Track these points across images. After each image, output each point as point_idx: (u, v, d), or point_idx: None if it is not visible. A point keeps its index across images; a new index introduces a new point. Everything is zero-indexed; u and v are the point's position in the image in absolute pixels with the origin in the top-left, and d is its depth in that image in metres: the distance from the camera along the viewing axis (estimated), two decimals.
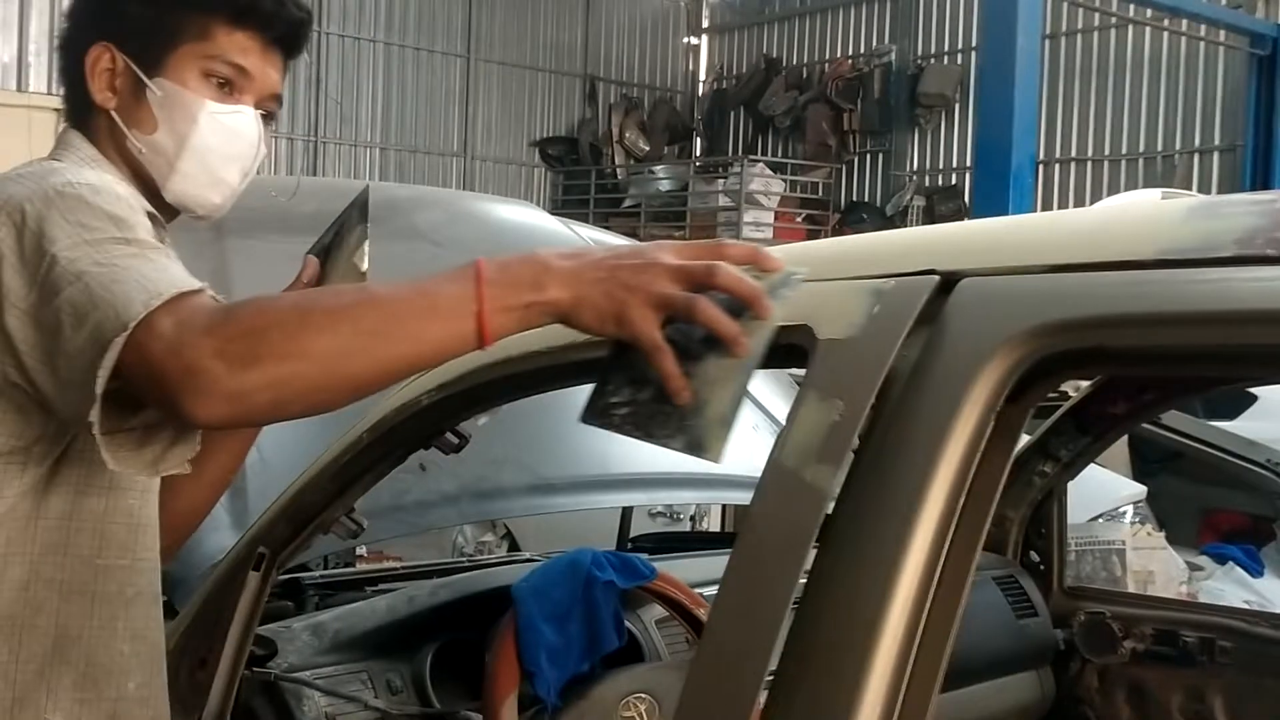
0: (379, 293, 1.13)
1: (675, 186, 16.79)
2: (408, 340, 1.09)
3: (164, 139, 1.43)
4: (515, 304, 1.08)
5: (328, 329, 1.07)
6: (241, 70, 1.45)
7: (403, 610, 1.94)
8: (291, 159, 15.68)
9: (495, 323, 1.08)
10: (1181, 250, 0.85)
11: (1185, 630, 2.36)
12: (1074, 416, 2.45)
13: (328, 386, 1.09)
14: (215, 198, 1.48)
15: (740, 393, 1.05)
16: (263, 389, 1.07)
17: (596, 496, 2.48)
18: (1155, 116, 13.83)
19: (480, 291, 1.07)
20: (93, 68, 1.43)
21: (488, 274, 1.08)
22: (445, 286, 1.09)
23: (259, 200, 2.88)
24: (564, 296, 1.08)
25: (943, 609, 0.91)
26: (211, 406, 1.06)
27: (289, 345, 1.06)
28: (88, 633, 1.38)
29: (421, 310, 1.09)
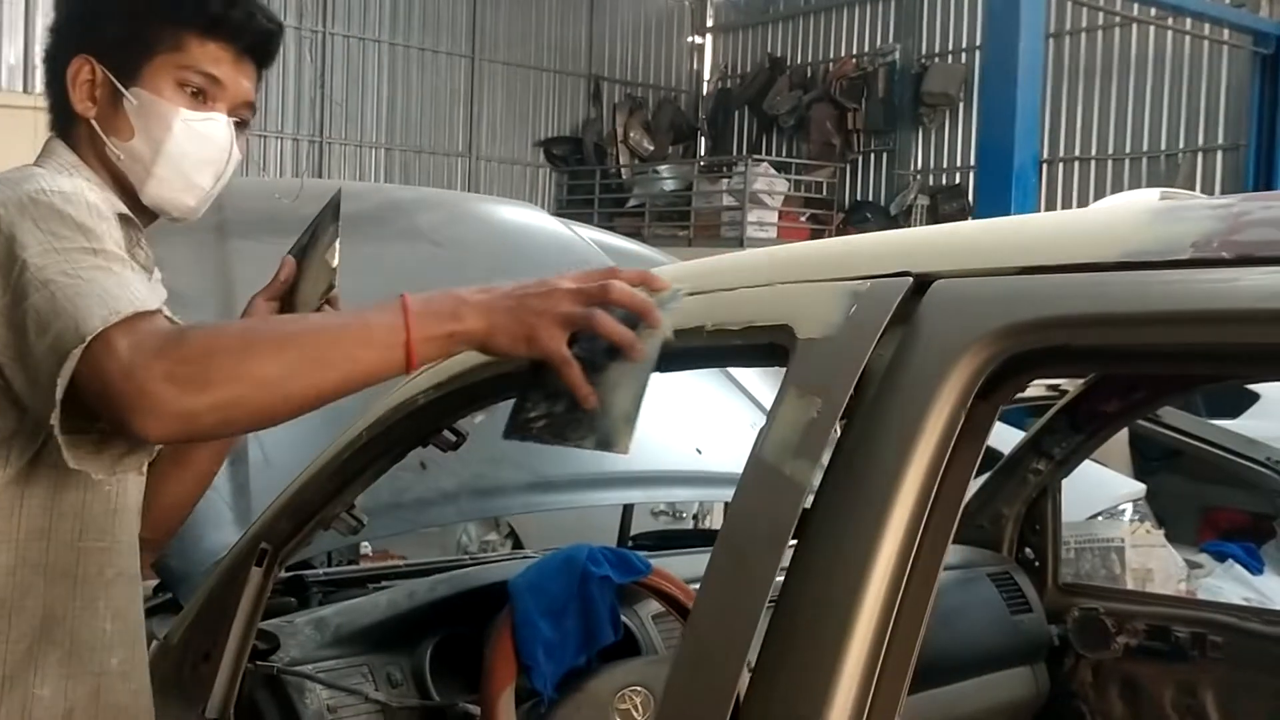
0: (318, 323, 1.31)
1: (679, 186, 16.81)
2: (344, 365, 1.22)
3: (140, 146, 1.49)
4: (438, 333, 1.22)
5: (272, 356, 1.19)
6: (214, 79, 1.52)
7: (403, 605, 1.96)
8: (297, 159, 15.73)
9: (421, 350, 1.22)
10: (1143, 253, 0.89)
11: (1177, 625, 2.38)
12: (1067, 414, 2.48)
13: (270, 408, 1.21)
14: (190, 200, 1.55)
15: (641, 392, 1.19)
16: (210, 411, 1.18)
17: (595, 494, 2.51)
18: (1159, 115, 13.83)
19: (408, 322, 1.20)
20: (74, 79, 1.50)
21: (414, 307, 1.21)
22: (377, 317, 1.22)
23: (263, 202, 2.92)
24: (479, 325, 1.22)
25: (916, 597, 0.94)
26: (160, 426, 1.17)
27: (236, 370, 1.18)
28: (71, 613, 1.45)
29: (357, 339, 1.22)
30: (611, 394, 1.20)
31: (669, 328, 1.19)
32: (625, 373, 1.19)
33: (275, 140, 15.63)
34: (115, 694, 1.51)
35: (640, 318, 1.20)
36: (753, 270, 1.21)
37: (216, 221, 2.62)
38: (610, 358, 1.20)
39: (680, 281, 1.21)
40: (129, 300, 1.22)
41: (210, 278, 2.49)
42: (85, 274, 1.25)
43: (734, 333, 1.14)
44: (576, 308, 1.21)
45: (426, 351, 1.22)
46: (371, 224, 2.95)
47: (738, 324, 1.13)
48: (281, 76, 15.49)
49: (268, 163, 15.45)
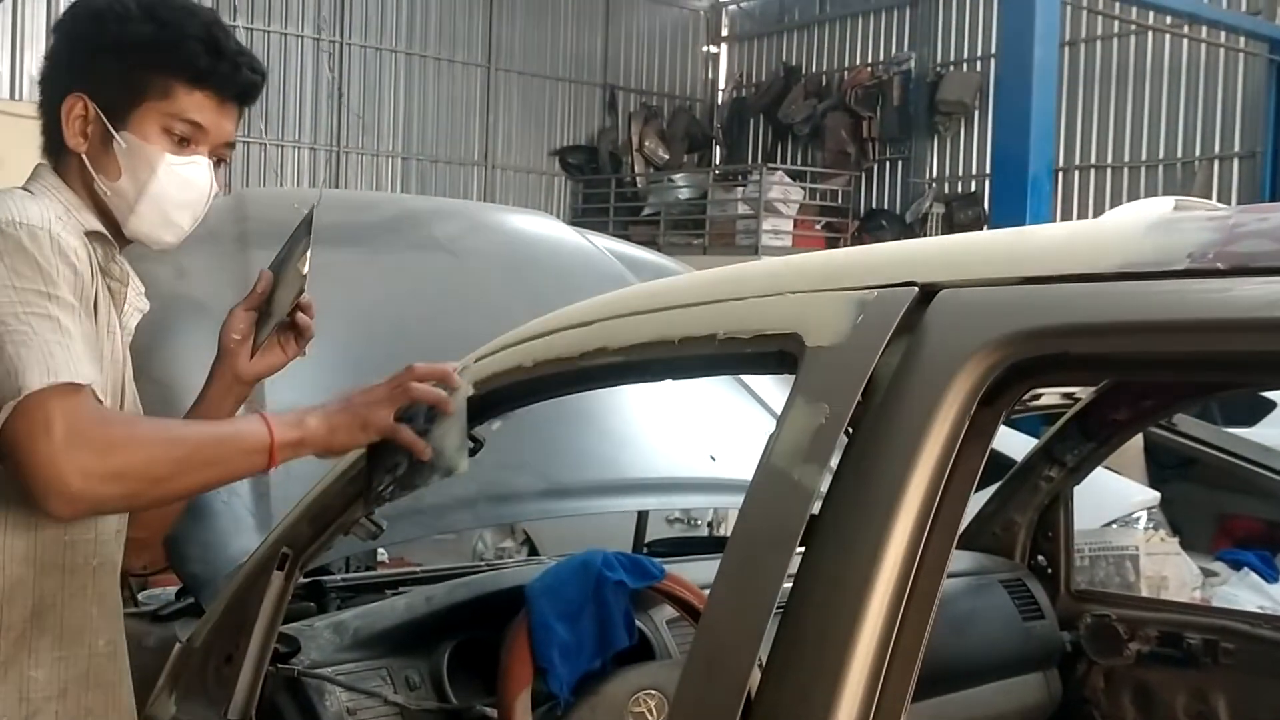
0: (205, 432, 1.58)
1: (694, 195, 16.82)
2: (222, 468, 1.53)
3: (127, 186, 1.61)
4: (291, 439, 1.52)
5: (170, 462, 1.46)
6: (198, 126, 1.63)
7: (421, 609, 1.99)
8: (314, 169, 15.80)
9: (280, 455, 1.52)
10: (1140, 263, 0.91)
11: (1189, 632, 2.39)
12: (1078, 422, 2.49)
13: (160, 500, 1.57)
14: (168, 237, 1.68)
15: (461, 433, 1.57)
16: (113, 501, 1.47)
17: (610, 500, 2.53)
18: (1174, 123, 13.78)
19: (271, 434, 1.51)
20: (68, 114, 1.61)
21: (272, 422, 1.52)
22: (250, 429, 1.52)
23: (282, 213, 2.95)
24: (322, 428, 1.54)
25: (921, 600, 0.97)
26: (68, 509, 1.41)
27: (142, 472, 1.43)
28: (61, 600, 1.58)
29: (234, 447, 1.52)
30: (441, 441, 1.56)
31: (468, 387, 1.57)
32: (445, 425, 1.56)
33: (293, 150, 15.71)
34: (104, 673, 1.64)
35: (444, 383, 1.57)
36: (762, 280, 1.23)
37: (239, 232, 2.66)
38: (430, 421, 1.57)
39: (688, 292, 1.27)
40: (69, 369, 1.40)
41: (232, 286, 2.52)
42: (35, 325, 1.41)
43: (744, 341, 1.16)
44: (394, 390, 1.55)
45: (283, 455, 1.52)
46: (388, 234, 2.98)
47: (748, 333, 1.16)
48: (299, 87, 15.59)
49: (285, 172, 15.53)
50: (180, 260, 2.60)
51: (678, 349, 1.25)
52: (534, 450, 2.30)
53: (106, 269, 1.64)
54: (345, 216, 3.04)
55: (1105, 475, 4.37)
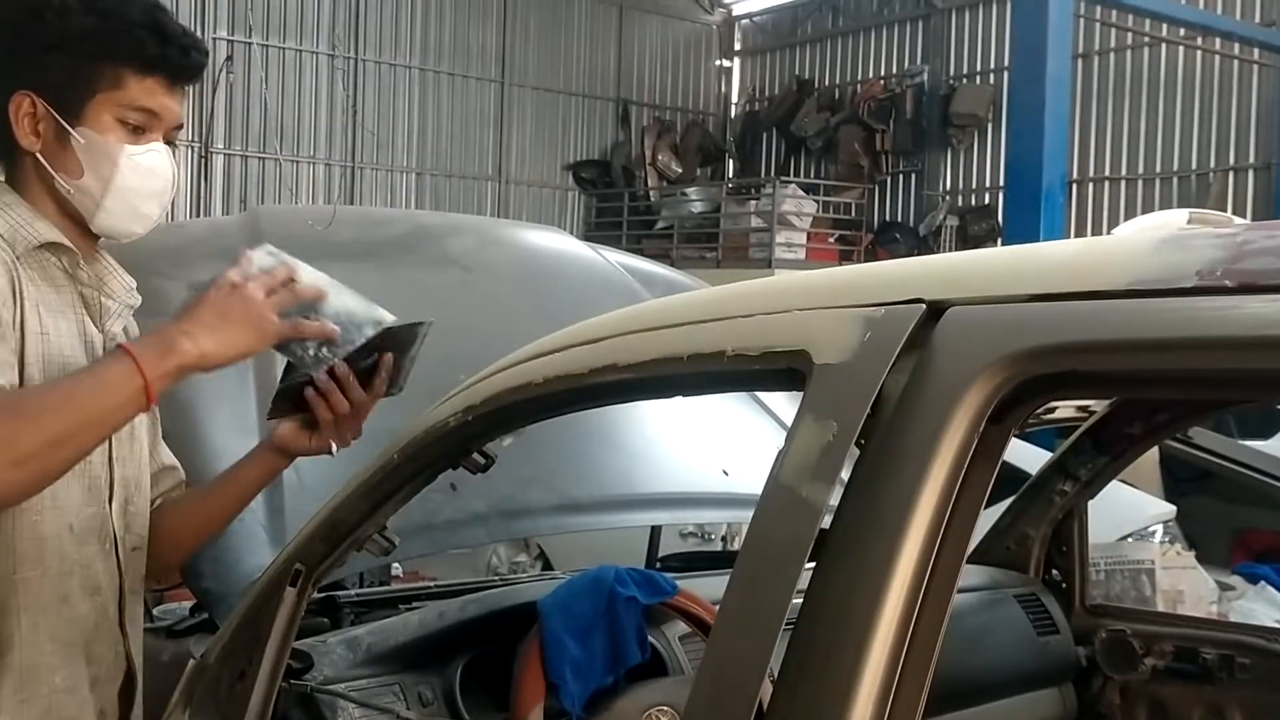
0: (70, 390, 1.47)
1: (708, 208, 16.84)
2: (101, 427, 1.47)
3: (90, 183, 1.59)
4: (163, 371, 1.47)
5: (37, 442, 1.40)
6: (151, 113, 1.61)
7: (433, 625, 1.99)
8: (329, 184, 15.88)
9: (156, 388, 1.47)
10: (1148, 281, 0.91)
11: (1206, 647, 2.38)
12: (1092, 436, 2.49)
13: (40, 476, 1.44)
14: (138, 229, 1.66)
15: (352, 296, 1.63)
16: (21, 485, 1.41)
17: (622, 515, 2.53)
18: (1189, 135, 13.75)
19: (142, 370, 1.45)
20: (16, 114, 1.58)
21: (139, 355, 1.46)
22: (115, 375, 1.45)
23: (296, 229, 2.98)
24: (191, 349, 1.48)
25: (931, 617, 0.96)
26: None
27: (39, 447, 1.39)
28: (18, 639, 1.56)
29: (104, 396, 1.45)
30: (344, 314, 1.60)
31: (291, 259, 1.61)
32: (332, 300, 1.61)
33: (308, 165, 15.79)
34: (64, 709, 1.61)
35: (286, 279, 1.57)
36: (770, 297, 1.24)
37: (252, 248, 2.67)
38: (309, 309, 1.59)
39: (697, 309, 1.28)
40: None
41: None
42: None
43: (752, 358, 1.16)
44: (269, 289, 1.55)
45: (160, 387, 1.47)
46: (401, 250, 3.00)
47: (756, 349, 1.16)
48: (314, 102, 15.68)
49: (300, 188, 15.61)
50: (193, 276, 2.61)
51: (686, 366, 1.25)
52: (547, 465, 2.31)
53: (74, 276, 1.62)
54: (359, 232, 3.06)
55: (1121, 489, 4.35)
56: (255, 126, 15.22)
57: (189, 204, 14.84)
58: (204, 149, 14.91)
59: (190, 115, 14.68)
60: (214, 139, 14.99)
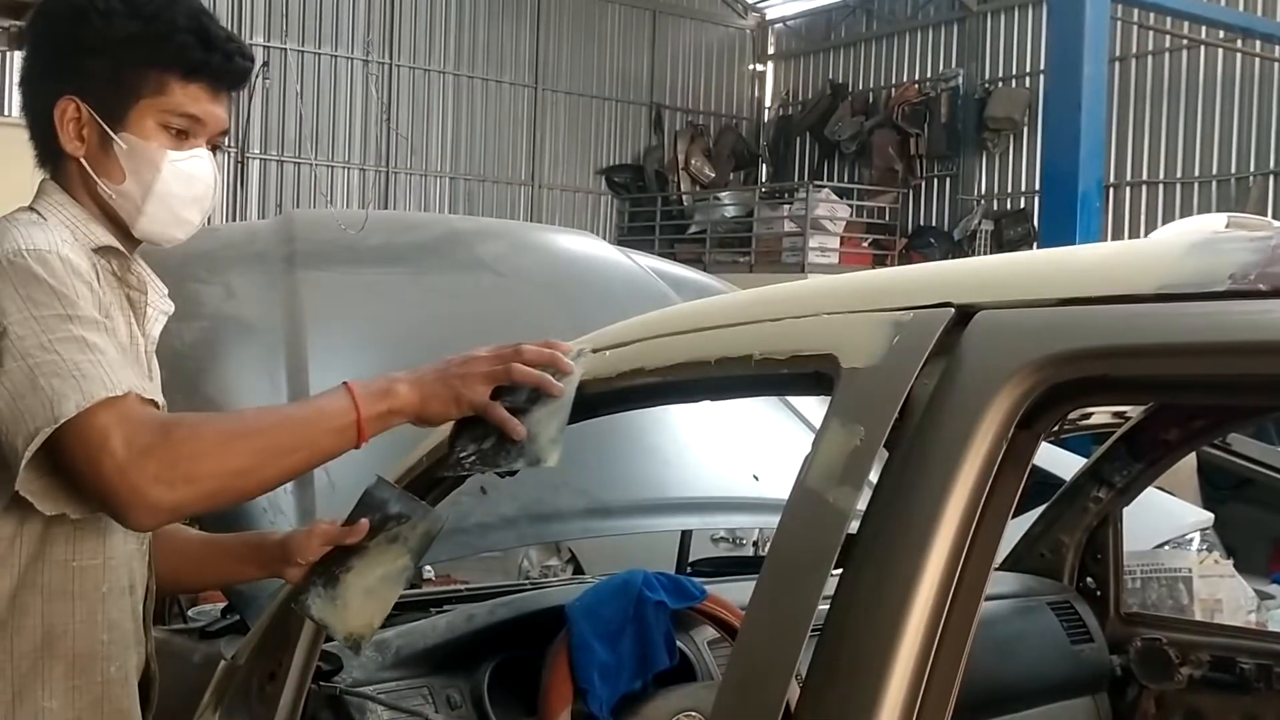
0: (284, 414, 1.52)
1: (741, 213, 16.81)
2: (307, 451, 1.45)
3: (132, 188, 1.58)
4: (379, 413, 1.46)
5: (247, 450, 1.41)
6: (195, 119, 1.59)
7: (462, 628, 2.00)
8: (363, 189, 15.97)
9: (369, 428, 1.46)
10: (1180, 285, 0.90)
11: (1242, 657, 2.35)
12: (1127, 442, 2.46)
13: (247, 493, 1.50)
14: (179, 234, 1.64)
15: (562, 422, 1.47)
16: (196, 502, 1.40)
17: (652, 520, 2.53)
18: (1228, 138, 13.59)
19: (357, 405, 1.44)
20: (61, 119, 1.57)
21: (358, 391, 1.46)
22: (331, 404, 1.46)
23: (330, 233, 3.00)
24: (413, 398, 1.48)
25: (959, 623, 0.96)
26: (153, 520, 1.39)
27: (217, 468, 1.38)
28: (72, 627, 1.54)
29: (317, 427, 1.45)
30: (537, 426, 1.47)
31: (579, 374, 1.49)
32: (547, 410, 1.47)
33: (342, 170, 15.89)
34: (117, 700, 1.60)
35: (552, 367, 1.49)
36: (798, 301, 1.23)
37: (286, 252, 2.70)
38: (532, 402, 1.48)
39: (725, 313, 1.25)
40: (104, 383, 1.36)
41: (279, 306, 2.56)
42: (63, 350, 1.37)
43: (780, 362, 1.16)
44: (495, 367, 1.49)
45: (372, 429, 1.46)
46: (434, 255, 3.02)
47: (784, 354, 1.16)
48: (349, 108, 15.78)
49: (335, 192, 15.71)
50: (229, 280, 2.64)
51: (714, 370, 1.25)
52: (577, 469, 2.31)
53: (124, 279, 1.62)
54: (390, 236, 3.08)
55: (1157, 496, 4.30)
56: (291, 132, 15.34)
57: (225, 209, 14.96)
58: (240, 154, 15.03)
59: None
60: (250, 144, 15.11)
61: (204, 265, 2.64)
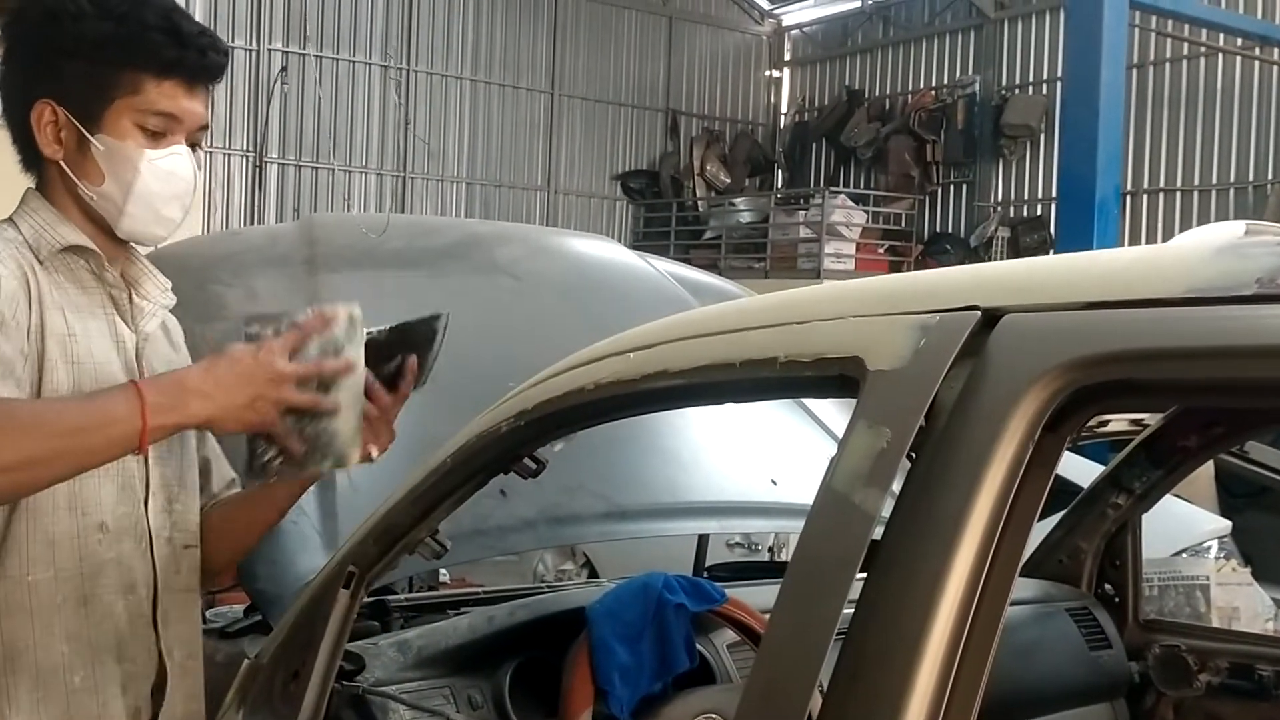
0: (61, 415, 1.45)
1: (756, 218, 16.82)
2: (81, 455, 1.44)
3: (111, 189, 1.59)
4: (168, 424, 1.47)
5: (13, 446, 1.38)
6: (171, 117, 1.60)
7: (483, 629, 2.00)
8: (380, 194, 16.04)
9: (151, 438, 1.46)
10: (1207, 289, 0.90)
11: (1261, 664, 2.34)
12: (1146, 449, 2.45)
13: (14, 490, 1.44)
14: (160, 232, 1.66)
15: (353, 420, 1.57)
16: None
17: (670, 524, 2.53)
18: (1245, 146, 13.55)
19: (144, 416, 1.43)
20: (38, 123, 1.58)
21: (148, 399, 1.44)
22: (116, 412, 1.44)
23: (350, 237, 3.01)
24: (203, 413, 1.49)
25: (984, 628, 0.96)
26: None
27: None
28: (31, 641, 1.55)
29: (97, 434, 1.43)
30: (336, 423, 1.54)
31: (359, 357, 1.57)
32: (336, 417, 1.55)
33: (360, 175, 15.96)
34: (84, 709, 1.60)
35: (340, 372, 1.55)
36: (823, 303, 1.24)
37: (307, 255, 2.71)
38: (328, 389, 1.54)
39: (750, 315, 1.25)
40: None
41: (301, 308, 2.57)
42: None
43: (805, 364, 1.16)
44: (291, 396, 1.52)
45: (155, 438, 1.47)
46: (454, 259, 3.02)
47: (809, 356, 1.16)
48: (366, 113, 15.85)
49: (353, 197, 15.78)
50: (252, 283, 2.65)
51: (739, 372, 1.25)
52: (595, 472, 2.32)
53: (101, 278, 1.63)
54: (410, 240, 3.09)
55: (1175, 503, 4.29)
56: (309, 136, 15.41)
57: (243, 213, 15.05)
58: (258, 158, 15.11)
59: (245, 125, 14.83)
60: (268, 149, 15.18)
61: (226, 268, 2.66)
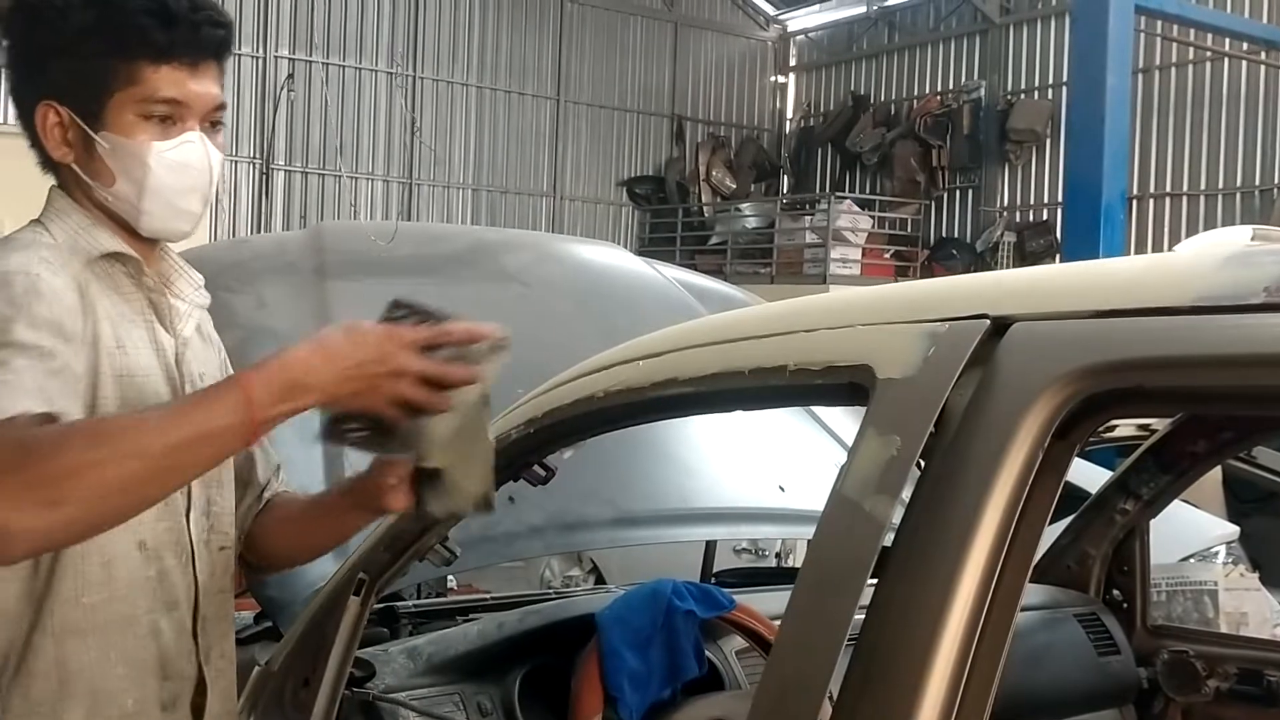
0: (162, 424, 1.27)
1: (762, 224, 16.81)
2: (188, 469, 1.31)
3: (124, 188, 1.49)
4: (275, 416, 1.31)
5: (117, 467, 1.22)
6: (177, 102, 1.48)
7: (493, 636, 2.01)
8: (387, 200, 16.06)
9: (260, 433, 1.31)
10: (1215, 297, 0.91)
11: (1270, 670, 2.34)
12: (1154, 455, 2.45)
13: (118, 514, 1.28)
14: (184, 226, 1.55)
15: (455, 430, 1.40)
16: (61, 529, 1.22)
17: (678, 530, 2.54)
18: (1251, 151, 13.52)
19: (250, 415, 1.28)
20: (43, 126, 1.49)
21: (255, 394, 1.28)
22: (220, 413, 1.27)
23: (358, 245, 3.03)
24: (312, 402, 1.33)
25: (994, 634, 0.96)
26: (10, 551, 1.22)
27: (82, 488, 1.20)
28: (87, 666, 1.47)
29: (200, 438, 1.27)
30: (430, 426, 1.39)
31: (490, 377, 1.41)
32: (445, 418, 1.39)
33: (366, 182, 15.99)
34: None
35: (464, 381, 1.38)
36: (833, 312, 1.24)
37: (316, 264, 2.73)
38: None
39: (759, 323, 1.24)
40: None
41: (310, 317, 2.59)
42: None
43: (815, 372, 1.17)
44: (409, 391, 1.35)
45: (265, 431, 1.33)
46: (460, 265, 3.04)
47: (818, 364, 1.17)
48: (373, 120, 15.88)
49: (360, 203, 15.81)
50: (260, 291, 2.67)
51: (748, 380, 1.26)
52: (604, 479, 2.32)
53: (140, 283, 1.54)
54: (418, 248, 3.10)
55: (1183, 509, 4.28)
56: (315, 143, 15.44)
57: (250, 220, 15.07)
58: (265, 165, 15.14)
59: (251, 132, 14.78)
60: (275, 155, 15.22)
61: (235, 276, 2.67)
